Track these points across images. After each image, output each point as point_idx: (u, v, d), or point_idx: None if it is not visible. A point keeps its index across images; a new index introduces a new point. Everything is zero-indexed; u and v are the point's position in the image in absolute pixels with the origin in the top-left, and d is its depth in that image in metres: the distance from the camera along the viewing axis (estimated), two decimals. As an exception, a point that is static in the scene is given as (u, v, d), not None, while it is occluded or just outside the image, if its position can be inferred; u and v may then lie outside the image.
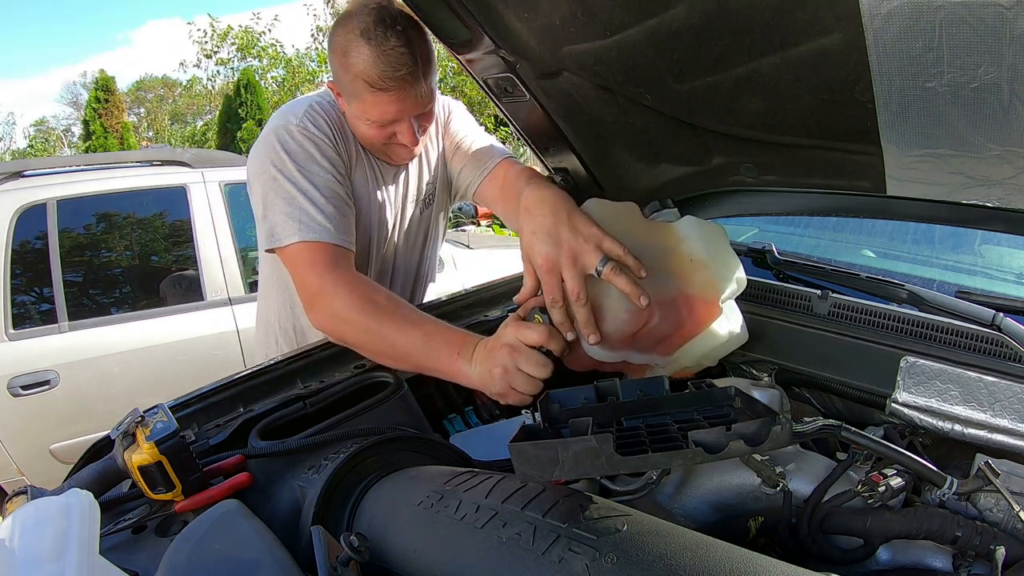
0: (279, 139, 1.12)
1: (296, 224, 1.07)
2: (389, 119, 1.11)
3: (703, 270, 0.95)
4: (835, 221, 1.65)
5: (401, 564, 0.63)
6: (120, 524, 0.77)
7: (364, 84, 1.05)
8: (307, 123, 1.13)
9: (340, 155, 1.17)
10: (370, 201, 1.26)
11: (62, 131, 27.05)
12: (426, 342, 0.96)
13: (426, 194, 1.39)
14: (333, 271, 1.05)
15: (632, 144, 1.23)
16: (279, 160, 1.11)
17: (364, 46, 1.03)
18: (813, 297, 1.14)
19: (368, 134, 1.16)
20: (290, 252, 1.09)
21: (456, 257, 3.78)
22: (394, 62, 1.03)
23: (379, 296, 1.02)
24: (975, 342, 0.95)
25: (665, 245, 0.97)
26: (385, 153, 1.23)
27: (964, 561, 0.70)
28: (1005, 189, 0.84)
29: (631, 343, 0.93)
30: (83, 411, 2.60)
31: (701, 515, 0.86)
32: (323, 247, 1.07)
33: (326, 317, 1.04)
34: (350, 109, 1.15)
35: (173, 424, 0.78)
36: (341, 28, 1.07)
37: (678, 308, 0.94)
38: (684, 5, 0.79)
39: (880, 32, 0.66)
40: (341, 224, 1.11)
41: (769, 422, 0.59)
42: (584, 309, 0.90)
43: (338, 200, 1.12)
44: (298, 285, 1.10)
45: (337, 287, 1.03)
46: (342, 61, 1.07)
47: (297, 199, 1.08)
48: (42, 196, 2.68)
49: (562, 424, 0.74)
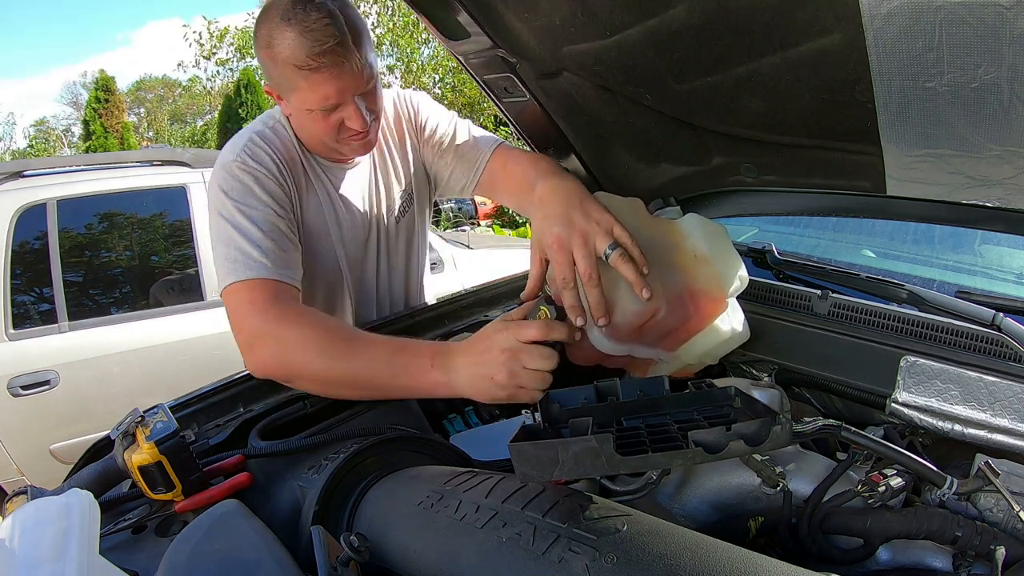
0: (219, 179, 1.07)
1: (231, 265, 1.00)
2: (332, 102, 1.03)
3: (707, 266, 0.95)
4: (835, 221, 1.65)
5: (401, 564, 0.63)
6: (120, 524, 0.77)
7: (295, 69, 1.00)
8: (245, 157, 1.08)
9: (284, 186, 1.10)
10: (330, 227, 1.20)
11: (62, 131, 27.07)
12: (390, 361, 0.90)
13: (400, 204, 1.31)
14: (273, 307, 0.96)
15: (632, 144, 1.23)
16: (219, 201, 1.05)
17: (286, 29, 0.98)
18: (813, 297, 1.14)
19: (315, 132, 1.10)
20: (227, 295, 1.00)
21: (456, 257, 3.77)
22: (319, 36, 0.97)
23: (329, 324, 0.96)
24: (975, 342, 0.95)
25: (670, 241, 0.98)
26: (339, 152, 1.15)
27: (964, 561, 0.70)
28: (1005, 189, 0.84)
29: (638, 336, 0.93)
30: (83, 411, 2.60)
31: (701, 515, 0.86)
32: (261, 284, 0.98)
33: (270, 357, 0.94)
34: (291, 106, 1.09)
35: (173, 424, 0.78)
36: (263, 22, 1.02)
37: (684, 303, 0.94)
38: (684, 5, 0.79)
39: (880, 32, 0.66)
40: (281, 259, 1.03)
41: (769, 422, 0.59)
42: (596, 290, 0.88)
43: (277, 234, 1.04)
44: (234, 330, 0.99)
45: (280, 323, 0.94)
46: (269, 54, 1.01)
47: (234, 239, 1.01)
48: (42, 196, 2.68)
49: (562, 424, 0.75)
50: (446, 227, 7.55)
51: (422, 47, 10.43)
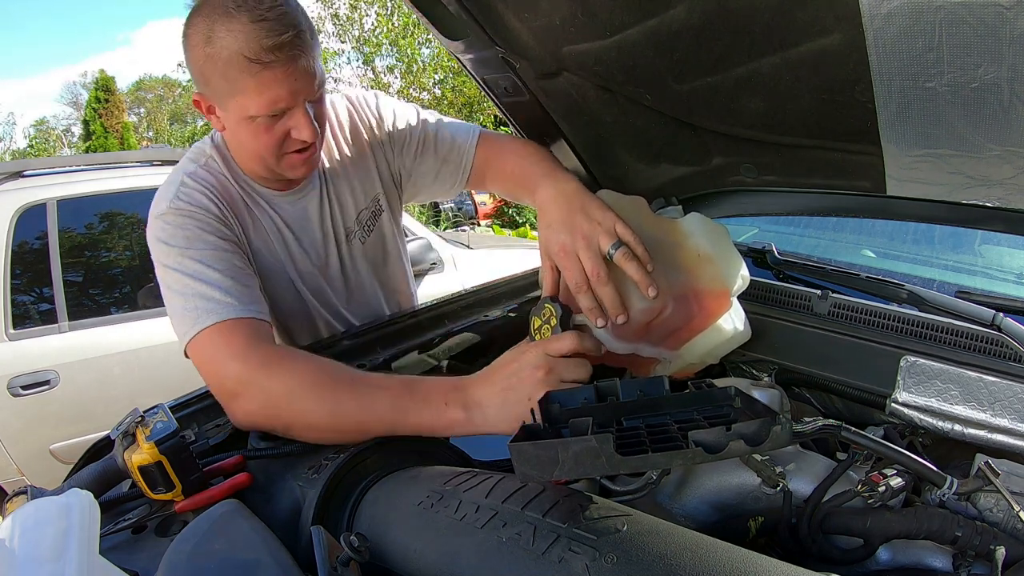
0: (156, 231, 0.97)
1: (193, 315, 0.89)
2: (282, 106, 0.92)
3: (710, 265, 0.96)
4: (835, 221, 1.65)
5: (401, 564, 0.63)
6: (120, 524, 0.77)
7: (242, 66, 0.87)
8: (179, 203, 0.97)
9: (227, 222, 1.01)
10: (284, 262, 1.11)
11: (62, 131, 27.08)
12: (397, 405, 0.83)
13: (365, 222, 1.21)
14: (253, 350, 0.86)
15: (632, 144, 1.23)
16: (162, 253, 0.96)
17: (234, 20, 0.86)
18: (813, 297, 1.14)
19: (255, 147, 0.97)
20: (196, 348, 0.89)
21: (456, 257, 3.77)
22: (275, 26, 0.86)
23: (322, 367, 0.87)
24: (975, 342, 0.95)
25: (673, 240, 0.98)
26: (279, 173, 1.03)
27: (964, 561, 0.70)
28: (1005, 189, 0.84)
29: (644, 335, 0.93)
30: (83, 411, 2.60)
31: (701, 515, 0.86)
32: (232, 326, 0.88)
33: (260, 409, 0.85)
34: (229, 118, 0.96)
35: (173, 424, 0.78)
36: (198, 17, 0.90)
37: (688, 301, 0.94)
38: (684, 5, 0.79)
39: (880, 32, 0.66)
40: (246, 294, 0.93)
41: (769, 422, 0.59)
42: (609, 288, 0.87)
43: (234, 270, 0.95)
44: (212, 382, 0.89)
45: (266, 369, 0.85)
46: (207, 52, 0.88)
47: (189, 287, 0.91)
48: (42, 196, 2.68)
49: (562, 424, 0.74)
50: (446, 227, 7.56)
51: (422, 47, 10.44)
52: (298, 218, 1.12)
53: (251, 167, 1.06)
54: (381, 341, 1.21)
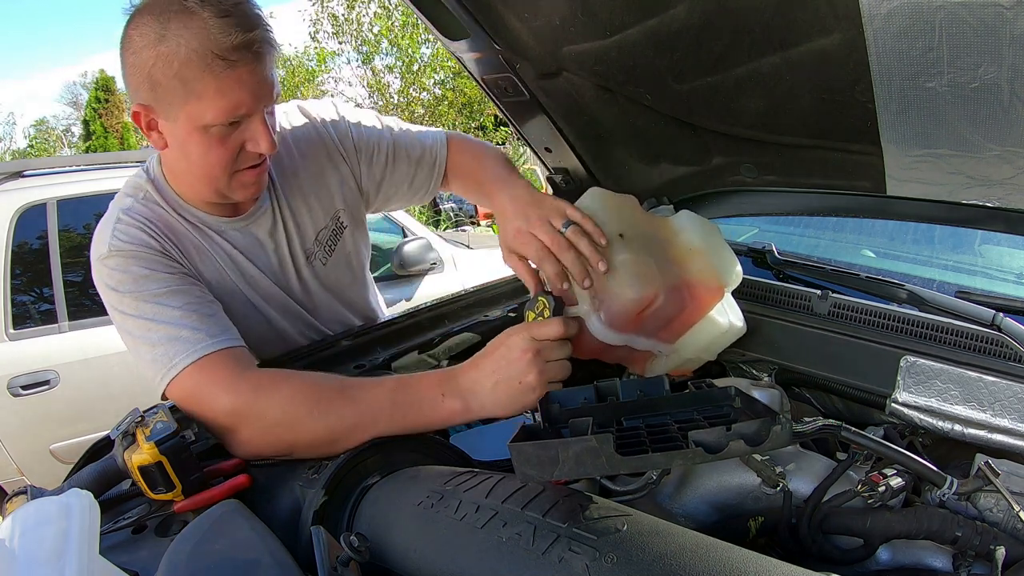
0: (102, 278, 0.92)
1: (165, 360, 0.86)
2: (242, 112, 0.85)
3: (700, 257, 0.97)
4: (835, 221, 1.65)
5: (401, 564, 0.63)
6: (120, 522, 0.77)
7: (205, 64, 0.80)
8: (117, 243, 0.91)
9: (171, 255, 0.95)
10: (242, 289, 1.05)
11: (62, 131, 27.04)
12: (394, 401, 0.83)
13: (325, 241, 1.14)
14: (239, 379, 0.85)
15: (632, 144, 1.23)
16: (113, 300, 0.91)
17: (194, 16, 0.79)
18: (813, 297, 1.14)
19: (205, 165, 0.90)
20: (178, 390, 0.86)
21: (456, 257, 3.77)
22: (244, 21, 0.80)
23: (311, 380, 0.86)
24: (975, 342, 0.95)
25: (663, 236, 1.00)
26: (227, 195, 0.96)
27: (964, 561, 0.70)
28: (1005, 189, 0.84)
29: (637, 326, 0.94)
30: (83, 411, 2.60)
31: (701, 515, 0.86)
32: (211, 360, 0.86)
33: (259, 436, 0.84)
34: (176, 131, 0.87)
35: (173, 424, 0.78)
36: (144, 17, 0.82)
37: (680, 292, 0.95)
38: (684, 5, 0.79)
39: (880, 32, 0.66)
40: (214, 324, 0.90)
41: (769, 422, 0.59)
42: (570, 254, 0.87)
43: (195, 303, 0.91)
44: (204, 419, 0.85)
45: (257, 395, 0.83)
46: (159, 52, 0.80)
47: (152, 331, 0.87)
48: (42, 196, 2.68)
49: (562, 424, 0.75)
50: (446, 227, 7.55)
51: (421, 47, 10.43)
52: (250, 244, 1.05)
53: (195, 191, 0.98)
54: (381, 341, 1.21)
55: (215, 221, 1.02)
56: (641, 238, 0.95)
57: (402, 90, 10.91)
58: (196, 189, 0.98)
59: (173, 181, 0.99)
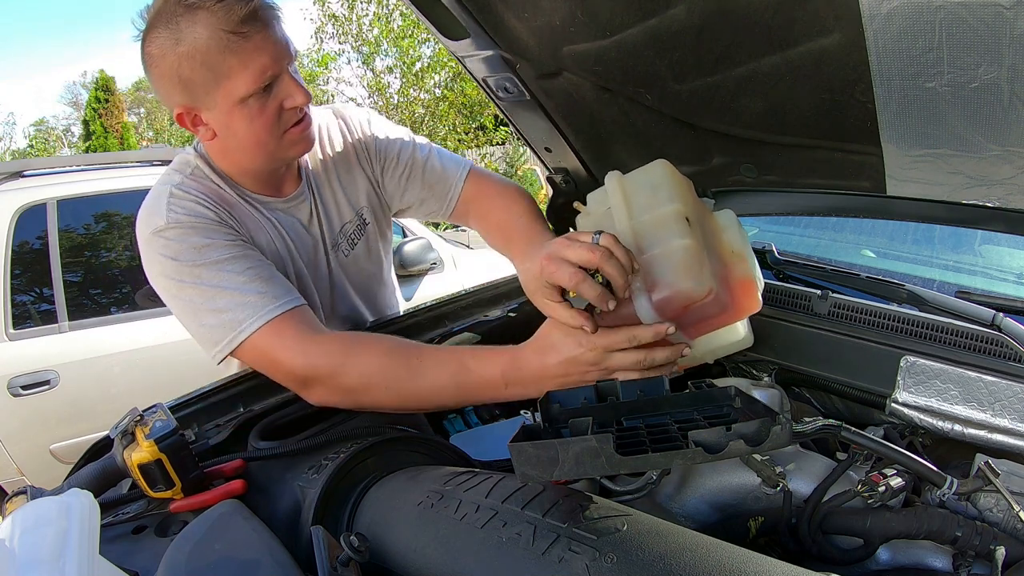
0: (157, 250, 0.95)
1: (229, 325, 0.91)
2: (269, 75, 0.91)
3: (742, 263, 0.94)
4: (835, 221, 1.65)
5: (401, 564, 0.63)
6: (120, 516, 0.77)
7: (221, 48, 0.87)
8: (175, 215, 0.95)
9: (229, 224, 0.99)
10: (284, 261, 1.10)
11: (62, 131, 27.03)
12: (458, 383, 0.89)
13: (350, 234, 1.21)
14: (309, 340, 0.91)
15: (632, 144, 1.23)
16: (170, 271, 0.94)
17: (197, 11, 0.86)
18: (813, 297, 1.14)
19: (254, 132, 0.95)
20: (247, 352, 0.93)
21: (456, 257, 3.77)
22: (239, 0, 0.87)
23: (384, 345, 0.93)
24: (975, 342, 0.95)
25: (711, 230, 0.96)
26: (283, 154, 1.01)
27: (964, 561, 0.70)
28: (1005, 189, 0.84)
29: (679, 316, 0.89)
30: (83, 411, 2.60)
31: (701, 515, 0.86)
32: (279, 322, 0.91)
33: (332, 393, 0.92)
34: (218, 117, 0.94)
35: (172, 422, 0.78)
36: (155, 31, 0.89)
37: (724, 294, 0.91)
38: (684, 5, 0.79)
39: (880, 32, 0.66)
40: (278, 286, 0.94)
41: (769, 422, 0.59)
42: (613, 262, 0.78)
43: (257, 268, 0.95)
44: (277, 376, 0.94)
45: (330, 356, 0.90)
46: (180, 53, 0.87)
47: (216, 298, 0.91)
48: (42, 196, 2.68)
49: (562, 424, 0.74)
50: (446, 227, 7.55)
51: (421, 47, 10.42)
52: (291, 225, 1.12)
53: (249, 165, 1.03)
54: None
55: (263, 198, 1.09)
56: (699, 226, 0.90)
57: (402, 90, 10.90)
58: (250, 162, 1.03)
59: (222, 163, 1.05)
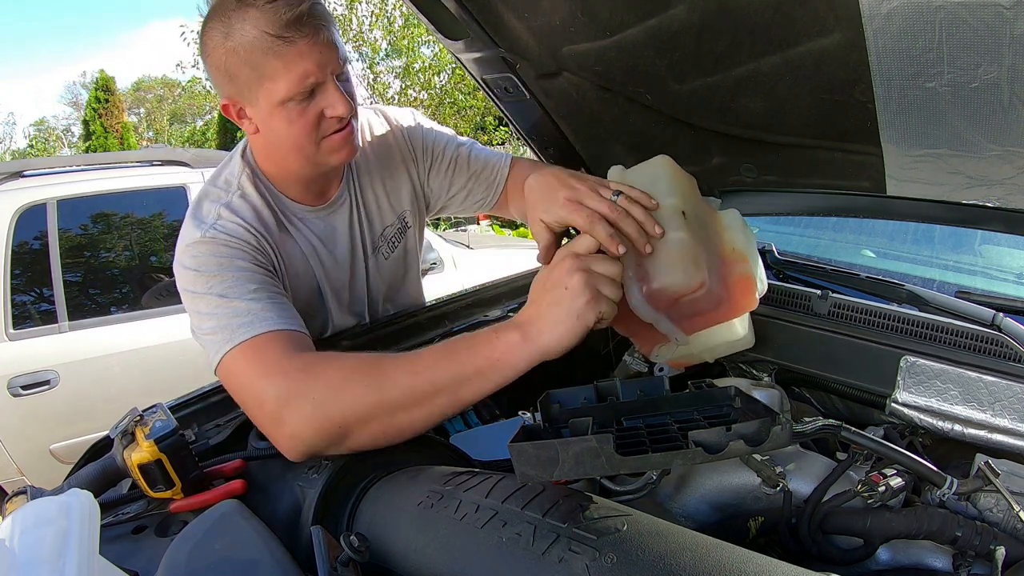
0: (184, 261, 0.95)
1: (222, 333, 0.86)
2: (311, 81, 0.91)
3: (743, 262, 0.94)
4: (835, 221, 1.65)
5: (401, 564, 0.63)
6: (120, 516, 0.77)
7: (266, 48, 0.88)
8: (214, 232, 0.95)
9: (264, 251, 0.99)
10: (315, 272, 1.10)
11: (62, 131, 27.05)
12: (448, 355, 0.80)
13: (391, 238, 1.21)
14: (292, 359, 0.82)
15: (632, 144, 1.23)
16: (191, 280, 0.93)
17: (249, 8, 0.87)
18: (813, 297, 1.14)
19: (293, 138, 0.96)
20: (227, 367, 0.85)
21: (456, 257, 3.77)
22: (290, 1, 0.88)
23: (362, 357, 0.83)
24: (975, 342, 0.95)
25: (714, 228, 0.97)
26: (322, 161, 1.01)
27: (964, 561, 0.70)
28: (1005, 189, 0.84)
29: (671, 308, 0.91)
30: (83, 411, 2.60)
31: (701, 515, 0.86)
32: (268, 339, 0.84)
33: (308, 420, 0.77)
34: (260, 114, 0.95)
35: (172, 422, 0.78)
36: (211, 23, 0.92)
37: (720, 290, 0.92)
38: (684, 5, 0.79)
39: (880, 32, 0.66)
40: (282, 310, 0.90)
41: (769, 422, 0.59)
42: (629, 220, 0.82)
43: (269, 290, 0.93)
44: (250, 407, 0.84)
45: (308, 375, 0.80)
46: (228, 47, 0.89)
47: (220, 306, 0.88)
48: (42, 196, 2.68)
49: (562, 424, 0.74)
50: (446, 227, 7.54)
51: (421, 47, 10.42)
52: (328, 233, 1.12)
53: (288, 168, 1.03)
54: (381, 341, 1.21)
55: (300, 209, 1.09)
56: (697, 222, 0.91)
57: (402, 90, 10.90)
58: (289, 165, 1.03)
59: (265, 164, 1.06)
